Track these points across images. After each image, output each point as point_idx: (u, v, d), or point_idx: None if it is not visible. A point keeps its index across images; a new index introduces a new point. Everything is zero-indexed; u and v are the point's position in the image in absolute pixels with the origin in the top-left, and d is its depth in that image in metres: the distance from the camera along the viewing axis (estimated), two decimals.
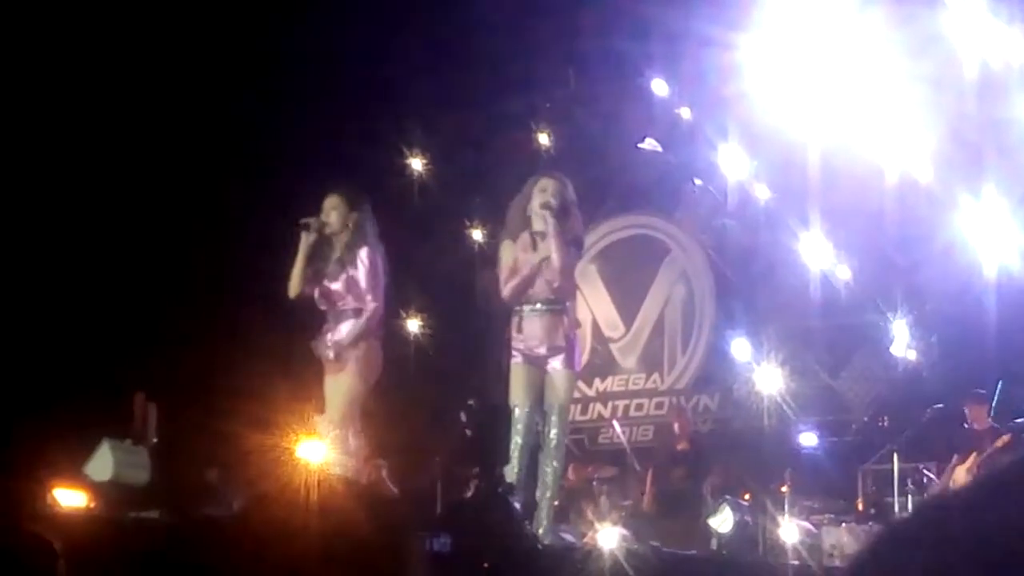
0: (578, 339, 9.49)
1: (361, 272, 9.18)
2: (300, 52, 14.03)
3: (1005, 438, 12.74)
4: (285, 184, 12.31)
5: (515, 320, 9.01)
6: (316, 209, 9.42)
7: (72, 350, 12.46)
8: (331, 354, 9.19)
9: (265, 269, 10.25)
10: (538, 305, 9.08)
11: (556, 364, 9.07)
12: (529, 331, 9.01)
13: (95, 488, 9.18)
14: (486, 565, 6.83)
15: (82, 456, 9.64)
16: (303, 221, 9.35)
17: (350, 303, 9.21)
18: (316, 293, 9.30)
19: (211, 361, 12.60)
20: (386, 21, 14.67)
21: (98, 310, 12.85)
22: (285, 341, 10.21)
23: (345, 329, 9.20)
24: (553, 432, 8.99)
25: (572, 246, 9.18)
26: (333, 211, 9.33)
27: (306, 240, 9.31)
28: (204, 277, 13.35)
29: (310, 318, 9.49)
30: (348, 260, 9.23)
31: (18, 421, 10.25)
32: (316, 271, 9.31)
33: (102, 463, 9.61)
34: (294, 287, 9.34)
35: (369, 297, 9.18)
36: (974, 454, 12.82)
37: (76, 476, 9.26)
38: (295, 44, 13.98)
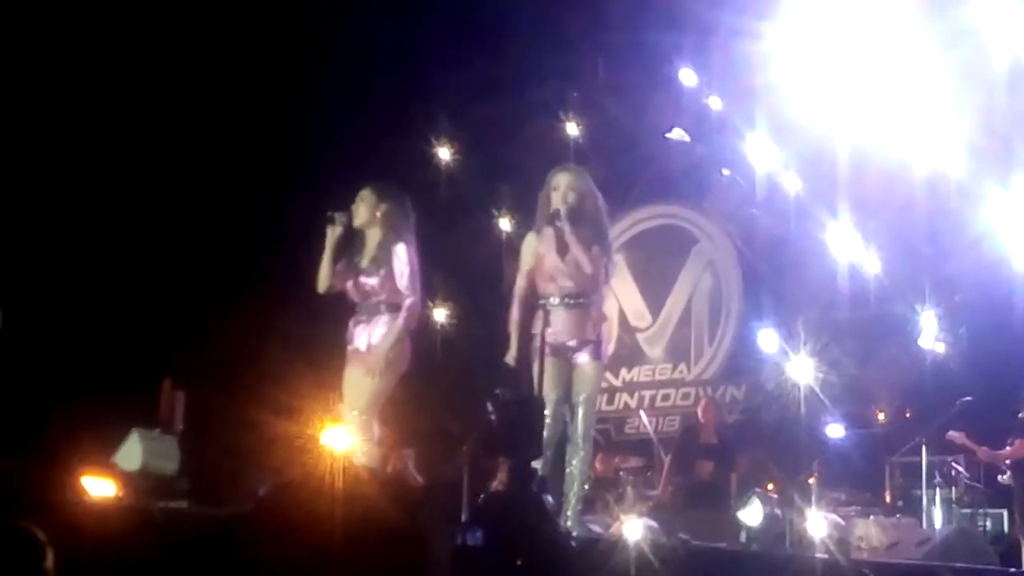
0: (605, 331, 9.46)
1: (398, 268, 9.15)
2: (330, 44, 14.03)
3: None
4: (313, 175, 12.32)
5: (541, 313, 8.99)
6: (344, 200, 9.40)
7: (100, 339, 12.50)
8: (363, 346, 9.18)
9: (292, 259, 10.25)
10: (565, 299, 9.06)
11: (583, 357, 9.06)
12: (556, 324, 8.99)
13: (124, 477, 9.20)
14: (519, 563, 6.80)
15: (109, 445, 9.66)
16: (329, 214, 9.32)
17: (384, 298, 9.18)
18: (350, 286, 9.27)
19: (238, 349, 12.63)
20: (415, 12, 14.66)
21: (126, 299, 12.88)
22: (311, 329, 10.21)
23: (380, 324, 9.16)
24: (580, 424, 8.98)
25: (596, 243, 9.13)
26: (362, 203, 9.30)
27: (332, 234, 9.27)
28: (231, 267, 13.37)
29: (336, 307, 9.48)
30: (384, 256, 9.19)
31: (47, 410, 10.29)
32: (349, 265, 9.28)
33: (131, 452, 9.63)
34: (322, 282, 9.30)
35: (407, 292, 9.15)
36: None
37: (105, 465, 9.29)
38: (324, 36, 13.99)
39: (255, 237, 13.36)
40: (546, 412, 8.74)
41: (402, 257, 9.13)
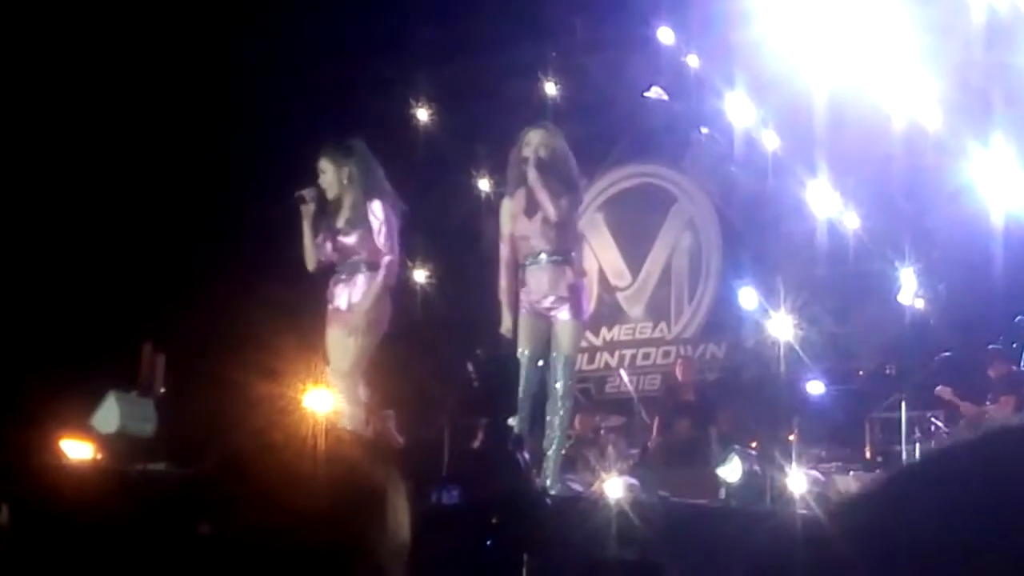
0: (585, 288, 9.46)
1: (375, 225, 9.13)
2: (305, 2, 13.96)
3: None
4: (290, 135, 12.27)
5: (519, 273, 9.01)
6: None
7: (79, 301, 12.46)
8: (344, 304, 9.17)
9: (272, 220, 10.22)
10: (541, 257, 9.05)
11: (562, 315, 9.05)
12: (533, 284, 9.00)
13: (101, 440, 9.20)
14: (494, 520, 6.82)
15: (89, 408, 9.65)
16: (298, 194, 9.29)
17: (363, 256, 9.17)
18: (329, 248, 9.25)
19: (219, 311, 12.59)
20: None
21: (105, 261, 12.84)
22: (292, 290, 10.19)
23: (360, 282, 9.16)
24: (559, 382, 8.99)
25: (565, 196, 9.11)
26: (324, 174, 9.27)
27: (306, 212, 9.26)
28: (211, 229, 13.32)
29: (319, 268, 9.47)
30: (359, 216, 9.18)
31: (26, 373, 10.26)
32: (328, 230, 9.26)
33: (108, 415, 9.63)
34: (309, 261, 9.32)
35: (385, 250, 9.14)
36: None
37: (83, 428, 9.28)
38: None
39: (233, 199, 13.30)
40: (523, 370, 8.78)
41: (378, 215, 9.12)
